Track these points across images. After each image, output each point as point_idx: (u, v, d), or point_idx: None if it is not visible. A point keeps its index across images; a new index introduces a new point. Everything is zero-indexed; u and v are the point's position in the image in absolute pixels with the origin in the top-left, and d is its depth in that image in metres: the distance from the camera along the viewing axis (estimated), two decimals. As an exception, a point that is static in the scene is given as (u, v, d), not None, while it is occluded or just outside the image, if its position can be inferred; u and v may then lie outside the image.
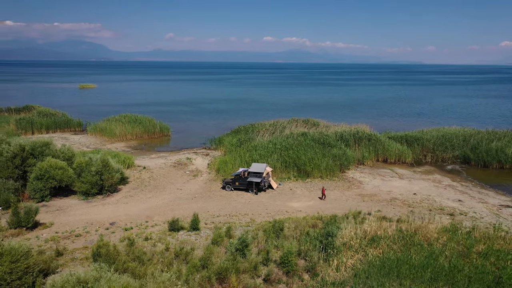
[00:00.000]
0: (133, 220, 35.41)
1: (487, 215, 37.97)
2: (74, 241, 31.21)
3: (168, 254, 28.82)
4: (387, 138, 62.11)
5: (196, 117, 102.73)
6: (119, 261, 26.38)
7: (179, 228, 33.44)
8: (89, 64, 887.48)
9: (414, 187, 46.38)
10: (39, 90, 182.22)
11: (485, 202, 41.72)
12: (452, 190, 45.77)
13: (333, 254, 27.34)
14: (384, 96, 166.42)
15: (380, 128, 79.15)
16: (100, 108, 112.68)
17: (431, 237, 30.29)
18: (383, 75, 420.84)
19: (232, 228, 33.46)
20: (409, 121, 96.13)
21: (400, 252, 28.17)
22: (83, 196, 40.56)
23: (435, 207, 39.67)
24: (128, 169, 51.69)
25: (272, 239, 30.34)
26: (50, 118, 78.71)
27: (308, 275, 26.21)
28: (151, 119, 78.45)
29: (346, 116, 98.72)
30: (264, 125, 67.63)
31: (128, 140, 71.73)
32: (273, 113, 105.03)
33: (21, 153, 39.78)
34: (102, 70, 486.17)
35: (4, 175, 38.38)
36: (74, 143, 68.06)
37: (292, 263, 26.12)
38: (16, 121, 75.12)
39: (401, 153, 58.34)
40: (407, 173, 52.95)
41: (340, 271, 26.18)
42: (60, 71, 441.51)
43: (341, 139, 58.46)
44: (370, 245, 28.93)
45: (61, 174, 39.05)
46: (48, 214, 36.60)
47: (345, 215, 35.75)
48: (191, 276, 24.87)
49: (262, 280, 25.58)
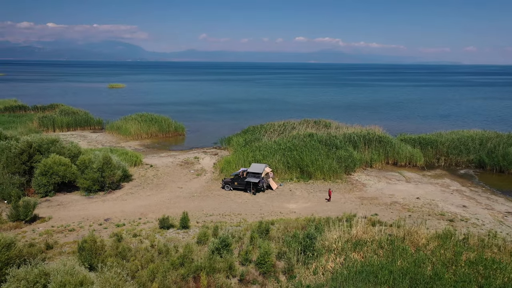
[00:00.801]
0: (127, 217, 36.26)
1: (490, 222, 36.39)
2: (67, 235, 32.29)
3: (154, 251, 29.33)
4: (399, 141, 60.60)
5: (215, 116, 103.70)
6: (101, 256, 27.22)
7: (169, 226, 33.93)
8: (124, 64, 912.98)
9: (418, 191, 45.04)
10: (70, 89, 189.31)
11: (492, 208, 39.98)
12: (459, 195, 44.12)
13: (312, 256, 27.03)
14: (411, 98, 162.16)
15: (398, 130, 77.44)
16: (123, 107, 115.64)
17: (419, 243, 29.39)
18: (416, 76, 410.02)
19: (221, 228, 33.69)
20: (430, 123, 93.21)
21: (384, 257, 27.53)
22: (85, 192, 41.87)
23: (436, 212, 38.39)
24: (135, 167, 52.94)
25: (256, 239, 30.28)
26: (72, 117, 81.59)
27: (285, 277, 26.03)
28: (166, 119, 79.82)
29: (365, 118, 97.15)
30: (273, 126, 67.46)
31: (143, 139, 73.35)
32: (292, 113, 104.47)
33: (28, 149, 41.54)
34: (135, 70, 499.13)
35: (11, 170, 40.18)
36: (91, 141, 70.36)
37: (268, 264, 26.00)
38: (39, 119, 78.41)
39: (412, 156, 56.76)
40: (416, 176, 51.45)
41: (318, 274, 25.89)
42: (95, 71, 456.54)
43: (349, 141, 57.46)
44: (354, 249, 28.42)
45: (64, 170, 40.51)
46: (49, 209, 38.04)
47: (337, 218, 35.22)
48: (170, 273, 25.21)
49: (238, 280, 25.61)
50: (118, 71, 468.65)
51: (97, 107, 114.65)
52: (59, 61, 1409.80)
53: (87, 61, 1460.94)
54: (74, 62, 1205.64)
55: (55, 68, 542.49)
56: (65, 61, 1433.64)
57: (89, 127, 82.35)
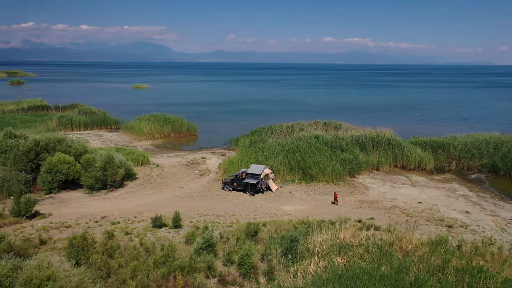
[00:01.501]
0: (124, 215, 37.03)
1: (491, 229, 35.15)
2: (62, 231, 33.30)
3: (141, 249, 29.88)
4: (410, 144, 59.25)
5: (230, 117, 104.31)
6: (88, 252, 28.01)
7: (161, 225, 34.46)
8: (152, 65, 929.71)
9: (422, 196, 43.95)
10: (96, 89, 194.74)
11: (496, 215, 38.59)
12: (464, 200, 42.78)
13: (294, 259, 26.89)
14: (434, 99, 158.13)
15: (413, 132, 75.68)
16: (142, 107, 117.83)
17: (407, 249, 28.73)
18: (445, 77, 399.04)
19: (212, 228, 34.01)
20: (448, 126, 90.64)
21: (369, 262, 27.07)
22: (88, 190, 43.05)
23: (436, 218, 37.39)
24: (141, 166, 53.99)
25: (241, 241, 30.36)
26: (89, 116, 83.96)
27: (265, 278, 26.02)
28: (180, 119, 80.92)
29: (381, 119, 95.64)
30: (281, 127, 67.28)
31: (155, 139, 74.64)
32: (307, 114, 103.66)
33: (35, 147, 43.11)
34: (162, 71, 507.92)
35: (19, 167, 41.80)
36: (105, 140, 72.23)
37: (247, 265, 26.04)
38: (57, 118, 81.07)
39: (421, 159, 55.42)
40: (423, 180, 50.21)
41: (298, 277, 25.74)
42: (123, 71, 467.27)
43: (356, 143, 56.65)
44: (338, 253, 28.07)
45: (68, 168, 41.81)
46: (51, 205, 39.35)
47: (331, 221, 34.86)
48: (151, 271, 25.64)
49: (217, 280, 25.77)
50: (145, 71, 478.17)
51: (118, 107, 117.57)
52: (91, 62, 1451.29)
53: (117, 62, 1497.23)
54: (105, 63, 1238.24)
55: (86, 69, 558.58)
56: (97, 62, 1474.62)
57: (106, 126, 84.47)
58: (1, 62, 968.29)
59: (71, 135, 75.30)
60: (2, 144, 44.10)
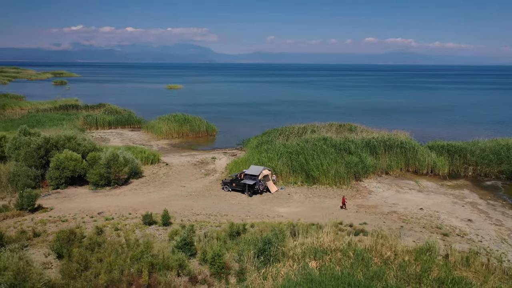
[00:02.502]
0: (120, 212, 38.19)
1: (491, 239, 33.40)
2: (58, 225, 34.83)
3: (126, 245, 30.77)
4: (427, 148, 57.18)
5: (252, 118, 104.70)
6: (72, 246, 29.24)
7: (152, 222, 35.27)
8: (192, 66, 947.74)
9: (426, 202, 42.37)
10: (131, 89, 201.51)
11: (501, 224, 36.59)
12: (470, 208, 40.84)
13: (266, 261, 26.82)
14: (471, 101, 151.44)
15: (434, 136, 73.17)
16: (169, 107, 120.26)
17: (385, 256, 27.86)
18: (491, 78, 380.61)
19: (201, 227, 34.53)
20: (475, 129, 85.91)
21: (344, 267, 26.57)
22: (93, 187, 44.76)
23: (433, 225, 35.97)
24: (151, 164, 55.40)
25: (221, 241, 30.58)
26: (114, 115, 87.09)
27: (236, 279, 26.11)
28: (199, 119, 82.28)
29: (404, 122, 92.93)
30: (293, 128, 66.82)
31: (173, 138, 76.28)
32: (330, 115, 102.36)
33: (45, 145, 45.35)
34: (200, 72, 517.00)
35: (29, 163, 44.12)
36: (125, 139, 74.66)
37: (218, 264, 26.22)
38: (84, 117, 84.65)
39: (435, 164, 53.38)
40: (432, 186, 48.35)
41: (268, 279, 25.68)
42: (162, 72, 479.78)
43: (367, 146, 55.35)
44: (313, 257, 27.69)
45: (74, 165, 43.68)
46: (56, 200, 41.27)
47: (318, 224, 34.46)
48: (125, 267, 26.41)
49: (188, 278, 26.13)
50: (183, 72, 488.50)
51: (146, 106, 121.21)
52: (134, 63, 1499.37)
53: (160, 63, 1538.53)
54: (148, 64, 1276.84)
55: (127, 70, 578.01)
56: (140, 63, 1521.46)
57: (129, 125, 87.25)
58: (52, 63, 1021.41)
59: (94, 134, 78.80)
60: (16, 141, 46.67)
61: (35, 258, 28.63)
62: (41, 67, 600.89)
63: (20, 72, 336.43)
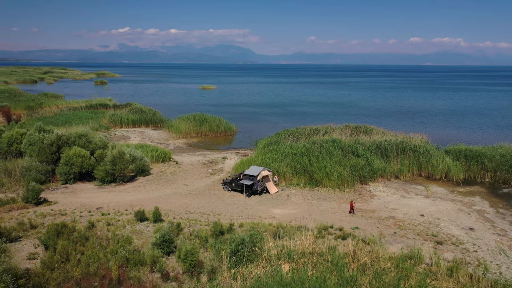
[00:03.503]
0: (117, 208, 39.39)
1: (489, 249, 31.59)
2: (56, 218, 36.43)
3: (112, 239, 31.73)
4: (442, 152, 54.87)
5: (275, 118, 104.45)
6: (60, 239, 30.52)
7: (143, 219, 36.14)
8: (232, 67, 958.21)
9: (430, 208, 40.66)
10: (165, 89, 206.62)
11: (505, 235, 34.52)
12: (476, 216, 38.79)
13: (239, 262, 26.83)
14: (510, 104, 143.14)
15: (457, 139, 69.80)
16: (195, 107, 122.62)
17: (361, 261, 27.06)
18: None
19: (190, 225, 35.04)
20: (505, 134, 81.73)
21: (319, 272, 26.14)
22: (100, 183, 46.45)
23: (428, 233, 34.49)
24: (161, 163, 56.68)
25: (203, 239, 30.85)
26: (138, 115, 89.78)
27: (207, 278, 26.32)
28: (219, 119, 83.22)
29: (429, 124, 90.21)
30: (305, 129, 65.98)
31: (191, 138, 77.57)
32: (354, 117, 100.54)
33: (57, 141, 47.57)
34: (238, 72, 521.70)
35: (41, 159, 46.46)
36: (144, 137, 76.77)
37: (190, 262, 26.51)
38: (109, 116, 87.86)
39: (449, 169, 51.10)
40: (442, 192, 46.30)
41: (238, 280, 25.68)
42: (200, 73, 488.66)
43: (377, 148, 53.82)
44: (287, 259, 27.38)
45: (81, 161, 45.54)
46: (62, 194, 43.18)
47: (305, 227, 34.01)
48: (102, 261, 27.28)
49: (160, 275, 26.59)
50: (221, 73, 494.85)
51: (174, 106, 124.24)
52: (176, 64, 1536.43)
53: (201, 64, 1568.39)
54: (188, 65, 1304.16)
55: (168, 70, 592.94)
56: (181, 64, 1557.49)
57: (153, 124, 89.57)
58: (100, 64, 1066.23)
59: (118, 132, 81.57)
60: (31, 138, 49.26)
61: (25, 248, 30.24)
62: (89, 67, 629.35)
63: (67, 72, 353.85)
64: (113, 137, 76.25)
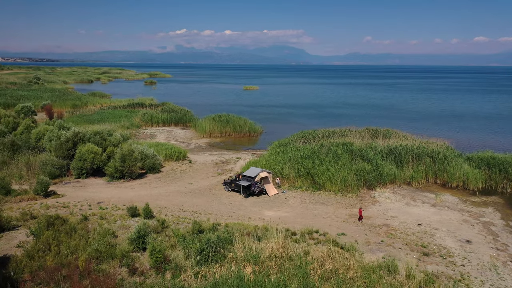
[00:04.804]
0: (117, 203, 41.10)
1: (479, 264, 29.54)
2: (58, 210, 38.73)
3: (95, 232, 33.12)
4: (463, 159, 51.70)
5: (305, 120, 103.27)
6: (49, 230, 32.48)
7: (135, 215, 37.50)
8: (283, 68, 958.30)
9: (431, 217, 38.57)
10: (207, 89, 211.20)
11: (504, 250, 32.05)
12: (479, 228, 36.28)
13: (204, 261, 27.16)
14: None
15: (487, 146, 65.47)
16: (229, 107, 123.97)
17: (324, 268, 26.32)
18: None
19: (178, 222, 35.94)
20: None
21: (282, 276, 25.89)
22: (110, 178, 48.68)
23: (418, 243, 32.78)
24: (175, 161, 58.23)
25: (179, 237, 31.44)
26: (169, 114, 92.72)
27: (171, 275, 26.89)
28: (244, 119, 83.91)
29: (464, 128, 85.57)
30: (320, 132, 64.63)
31: (214, 137, 78.81)
32: (386, 119, 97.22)
33: (73, 138, 50.47)
34: (287, 73, 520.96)
35: (58, 154, 49.53)
36: (169, 136, 79.17)
37: (155, 258, 27.19)
38: (141, 115, 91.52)
39: (467, 177, 48.08)
40: (453, 200, 43.67)
41: (198, 279, 26.05)
42: (250, 73, 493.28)
43: (391, 153, 51.74)
44: (252, 261, 27.28)
45: (93, 157, 47.99)
46: (72, 188, 45.78)
47: (289, 230, 33.69)
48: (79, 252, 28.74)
49: (127, 269, 27.49)
50: (270, 73, 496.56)
51: (209, 106, 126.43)
52: (230, 65, 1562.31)
53: (253, 65, 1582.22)
54: (241, 66, 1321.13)
55: (218, 71, 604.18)
56: (235, 65, 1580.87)
57: (182, 124, 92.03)
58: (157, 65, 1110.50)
59: (147, 130, 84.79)
60: (51, 134, 52.62)
61: (18, 237, 32.51)
62: (147, 68, 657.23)
63: (122, 72, 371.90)
64: (141, 135, 79.37)
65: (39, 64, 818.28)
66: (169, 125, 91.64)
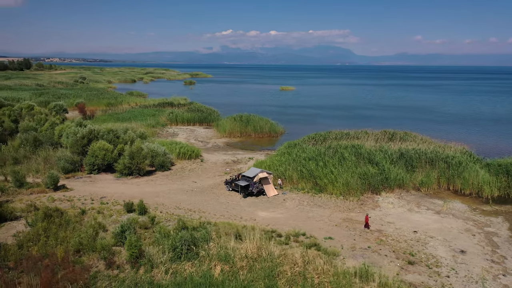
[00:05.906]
0: (118, 198, 42.51)
1: (466, 276, 27.97)
2: (61, 203, 40.73)
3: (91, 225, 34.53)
4: (477, 165, 48.95)
5: (331, 121, 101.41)
6: (45, 221, 34.25)
7: (131, 210, 38.67)
8: (327, 68, 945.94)
9: (431, 225, 36.87)
10: (243, 90, 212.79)
11: (500, 263, 30.10)
12: (480, 238, 34.28)
13: (176, 258, 27.62)
14: None
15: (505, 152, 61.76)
16: (259, 107, 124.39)
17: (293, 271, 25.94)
18: None
19: (169, 219, 36.73)
20: None
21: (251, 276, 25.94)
22: (119, 175, 50.47)
23: (406, 251, 31.47)
24: (188, 160, 59.32)
25: (161, 234, 32.06)
26: (193, 113, 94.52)
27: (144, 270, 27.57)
28: (265, 120, 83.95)
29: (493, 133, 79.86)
30: (333, 134, 63.25)
31: (234, 137, 79.36)
32: (415, 122, 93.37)
33: (88, 135, 52.78)
34: (330, 74, 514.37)
35: (73, 150, 52.00)
36: (190, 135, 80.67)
37: (130, 253, 27.93)
38: (167, 114, 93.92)
39: (482, 184, 45.47)
40: (461, 208, 41.43)
41: (168, 275, 26.55)
42: (291, 74, 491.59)
43: (401, 157, 49.86)
44: (223, 260, 27.38)
45: (104, 154, 49.97)
46: (82, 183, 47.90)
47: (276, 232, 33.53)
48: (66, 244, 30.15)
49: (105, 262, 28.44)
50: (312, 74, 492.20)
51: (239, 106, 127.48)
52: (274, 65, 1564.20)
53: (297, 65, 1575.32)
54: (285, 66, 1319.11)
55: (260, 71, 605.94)
56: (279, 65, 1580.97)
57: (206, 123, 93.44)
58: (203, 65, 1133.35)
59: (171, 129, 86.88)
60: (68, 131, 55.31)
61: (17, 227, 34.45)
62: (191, 68, 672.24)
63: (165, 73, 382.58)
64: (164, 133, 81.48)
65: (91, 64, 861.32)
66: (194, 124, 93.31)
